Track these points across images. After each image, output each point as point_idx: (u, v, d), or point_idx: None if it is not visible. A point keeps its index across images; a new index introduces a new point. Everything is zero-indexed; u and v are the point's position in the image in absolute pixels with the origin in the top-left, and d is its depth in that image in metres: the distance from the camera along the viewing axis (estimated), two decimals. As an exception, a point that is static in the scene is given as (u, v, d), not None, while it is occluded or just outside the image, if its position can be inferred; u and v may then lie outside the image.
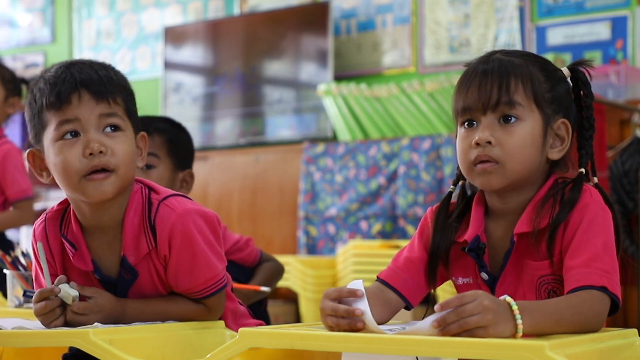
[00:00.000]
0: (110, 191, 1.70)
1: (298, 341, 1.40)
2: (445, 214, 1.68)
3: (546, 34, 5.03)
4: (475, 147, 1.58)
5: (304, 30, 5.64)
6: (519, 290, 1.59)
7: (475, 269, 1.64)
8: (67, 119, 1.69)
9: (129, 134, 1.75)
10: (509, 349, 1.25)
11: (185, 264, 1.75)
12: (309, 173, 5.26)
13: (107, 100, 1.71)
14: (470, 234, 1.62)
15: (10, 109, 3.46)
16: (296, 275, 4.67)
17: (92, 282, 1.78)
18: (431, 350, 1.31)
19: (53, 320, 1.67)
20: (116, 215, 1.76)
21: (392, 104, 5.23)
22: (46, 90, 1.71)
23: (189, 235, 1.74)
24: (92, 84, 1.70)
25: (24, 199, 3.37)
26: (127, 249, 1.75)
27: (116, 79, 1.75)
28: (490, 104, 1.57)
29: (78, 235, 1.77)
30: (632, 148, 4.32)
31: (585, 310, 1.46)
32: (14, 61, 7.18)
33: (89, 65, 1.74)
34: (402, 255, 1.70)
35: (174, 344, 1.68)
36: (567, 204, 1.55)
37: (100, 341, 1.52)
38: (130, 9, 6.71)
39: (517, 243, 1.58)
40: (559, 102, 1.61)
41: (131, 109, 1.78)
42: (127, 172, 1.73)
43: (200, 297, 1.79)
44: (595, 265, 1.49)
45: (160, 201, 1.76)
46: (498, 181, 1.58)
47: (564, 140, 1.62)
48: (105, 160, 1.69)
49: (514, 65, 1.59)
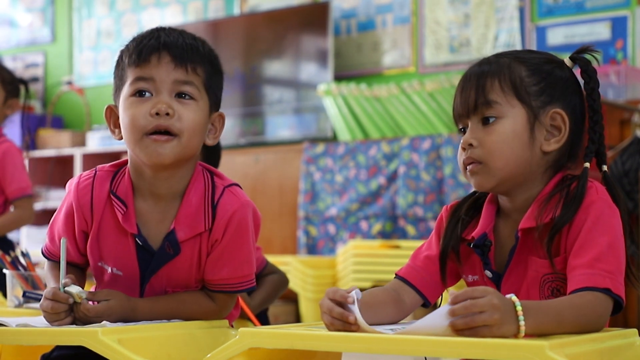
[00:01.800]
0: (169, 154, 1.70)
1: (298, 341, 1.40)
2: (461, 210, 1.69)
3: (546, 34, 5.03)
4: (464, 151, 1.61)
5: (304, 30, 5.64)
6: (523, 288, 1.59)
7: (478, 266, 1.64)
8: (143, 77, 1.71)
9: (202, 106, 1.75)
10: (509, 349, 1.25)
11: (230, 253, 1.76)
12: (309, 173, 5.26)
13: (185, 67, 1.72)
14: (478, 231, 1.63)
15: (8, 110, 3.46)
16: (296, 275, 4.67)
17: (127, 249, 1.76)
18: (431, 350, 1.31)
19: (58, 320, 1.67)
20: (175, 186, 1.76)
21: (392, 104, 5.23)
22: (131, 47, 1.75)
23: (244, 226, 1.76)
24: (174, 47, 1.72)
25: (24, 196, 3.36)
26: (179, 224, 1.74)
27: (202, 50, 1.76)
28: (470, 108, 1.60)
29: (129, 196, 1.76)
30: (632, 148, 4.32)
31: (588, 312, 1.46)
32: (14, 61, 7.18)
33: (179, 32, 1.76)
34: (422, 253, 1.71)
35: (180, 343, 1.68)
36: (572, 203, 1.54)
37: (110, 341, 1.52)
38: (130, 9, 6.71)
39: (521, 239, 1.58)
40: (550, 92, 1.60)
41: (212, 84, 1.77)
42: (191, 141, 1.72)
43: (226, 290, 1.79)
44: (599, 265, 1.48)
45: (225, 187, 1.77)
46: (486, 180, 1.59)
47: (561, 130, 1.60)
48: (170, 123, 1.69)
49: (493, 66, 1.60)
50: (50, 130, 6.59)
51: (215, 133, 1.80)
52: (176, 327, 1.71)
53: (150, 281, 1.78)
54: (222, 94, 1.83)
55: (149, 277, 1.78)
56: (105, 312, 1.67)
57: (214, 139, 1.80)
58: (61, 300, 1.65)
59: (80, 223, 1.78)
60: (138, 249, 1.76)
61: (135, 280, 1.78)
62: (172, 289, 1.80)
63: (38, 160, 6.41)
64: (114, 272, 1.79)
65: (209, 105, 1.77)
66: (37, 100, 6.99)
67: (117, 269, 1.79)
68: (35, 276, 2.32)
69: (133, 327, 1.64)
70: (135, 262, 1.77)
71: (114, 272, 1.79)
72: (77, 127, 6.74)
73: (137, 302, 1.74)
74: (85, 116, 6.68)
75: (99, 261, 1.80)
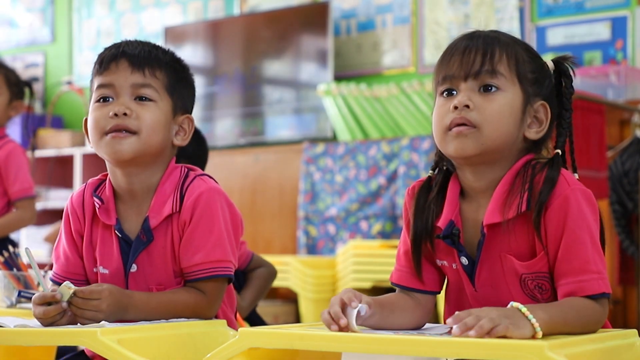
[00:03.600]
0: (127, 150, 1.80)
1: (298, 341, 1.40)
2: (425, 197, 1.66)
3: (546, 34, 5.03)
4: (453, 111, 1.57)
5: (304, 30, 5.64)
6: (501, 283, 1.57)
7: (453, 253, 1.62)
8: (104, 84, 1.83)
9: (162, 107, 1.84)
10: (508, 349, 1.25)
11: (201, 236, 1.79)
12: (309, 173, 5.26)
13: (142, 71, 1.82)
14: (444, 219, 1.60)
15: (12, 111, 3.47)
16: (296, 275, 4.68)
17: (111, 244, 1.84)
18: (431, 350, 1.31)
19: (54, 322, 1.67)
20: (147, 181, 1.85)
21: (392, 104, 5.23)
22: (96, 59, 1.87)
23: (212, 209, 1.81)
24: (131, 54, 1.84)
25: (26, 197, 3.37)
26: (152, 211, 1.82)
27: (163, 57, 1.87)
28: (473, 71, 1.57)
29: (110, 197, 1.86)
30: (632, 148, 4.32)
31: (589, 313, 1.47)
32: (14, 61, 7.18)
33: (141, 43, 1.87)
34: (400, 252, 1.69)
35: (180, 344, 1.68)
36: (547, 182, 1.52)
37: (109, 341, 1.52)
38: (130, 9, 6.71)
39: (488, 234, 1.56)
40: (540, 85, 1.61)
41: (176, 89, 1.87)
42: (151, 139, 1.81)
43: (203, 276, 1.80)
44: (589, 268, 1.49)
45: (197, 175, 1.87)
46: (472, 146, 1.56)
47: (542, 122, 1.61)
48: (128, 122, 1.80)
49: (499, 39, 1.60)
50: (50, 130, 6.59)
51: (184, 135, 1.90)
52: (176, 327, 1.71)
53: (132, 276, 1.82)
54: (192, 101, 1.94)
55: (129, 270, 1.82)
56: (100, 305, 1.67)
57: (182, 140, 1.89)
58: (50, 299, 1.67)
59: (76, 227, 1.89)
60: (120, 242, 1.84)
61: (120, 277, 1.83)
62: (155, 286, 1.83)
63: (38, 160, 6.40)
64: (101, 271, 1.85)
65: (171, 106, 1.86)
66: (37, 100, 6.98)
67: (103, 267, 1.85)
68: (27, 276, 2.32)
69: (132, 328, 1.64)
70: (118, 256, 1.83)
71: (101, 272, 1.85)
72: (77, 127, 6.74)
73: (133, 294, 1.76)
74: (85, 116, 6.68)
75: (94, 267, 1.87)
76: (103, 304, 1.68)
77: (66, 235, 1.90)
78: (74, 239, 1.89)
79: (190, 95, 1.93)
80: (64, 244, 1.90)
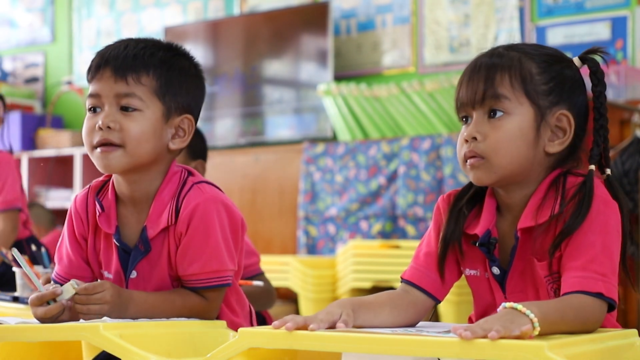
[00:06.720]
0: (116, 164, 1.77)
1: (298, 341, 1.40)
2: (460, 203, 1.66)
3: (546, 34, 5.03)
4: (466, 143, 1.58)
5: (304, 30, 5.64)
6: (529, 287, 1.59)
7: (484, 262, 1.63)
8: (92, 93, 1.79)
9: (150, 115, 1.78)
10: (508, 349, 1.25)
11: (196, 247, 1.77)
12: (309, 173, 5.26)
13: (125, 79, 1.76)
14: (481, 227, 1.61)
15: None
16: (296, 275, 4.67)
17: (112, 251, 1.83)
18: (431, 350, 1.31)
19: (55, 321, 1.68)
20: (146, 189, 1.82)
21: (392, 104, 5.23)
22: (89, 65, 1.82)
23: (208, 220, 1.77)
24: (115, 61, 1.77)
25: (9, 209, 3.26)
26: (150, 221, 1.80)
27: (150, 58, 1.78)
28: (477, 99, 1.57)
29: (111, 202, 1.84)
30: (632, 148, 4.31)
31: (588, 310, 1.46)
32: (14, 61, 7.18)
33: (127, 44, 1.80)
34: (422, 252, 1.69)
35: (180, 342, 1.68)
36: (580, 207, 1.52)
37: (111, 335, 1.52)
38: (130, 9, 6.71)
39: (521, 238, 1.57)
40: (559, 93, 1.58)
41: (168, 90, 1.80)
42: (138, 150, 1.77)
43: (200, 286, 1.80)
44: (592, 267, 1.48)
45: (195, 183, 1.81)
46: (486, 176, 1.57)
47: (566, 132, 1.59)
48: (112, 136, 1.75)
49: (504, 59, 1.58)
50: (50, 130, 6.59)
51: (184, 136, 1.83)
52: (177, 326, 1.72)
53: (132, 282, 1.82)
54: (195, 99, 1.86)
55: (128, 277, 1.82)
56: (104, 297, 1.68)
57: (181, 142, 1.83)
58: (50, 297, 1.67)
59: (80, 231, 1.87)
60: (119, 250, 1.83)
61: (121, 283, 1.83)
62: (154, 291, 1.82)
63: (38, 160, 6.41)
64: (106, 275, 1.86)
65: (162, 111, 1.79)
66: (37, 100, 6.99)
67: (108, 272, 1.85)
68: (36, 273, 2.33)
69: (134, 323, 1.65)
70: (118, 263, 1.83)
71: (106, 276, 1.85)
72: (77, 127, 6.74)
73: (132, 291, 1.77)
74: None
75: (100, 269, 1.87)
76: (107, 295, 1.68)
77: (69, 237, 1.89)
78: (77, 241, 1.87)
79: (190, 92, 1.85)
80: (66, 245, 1.89)
